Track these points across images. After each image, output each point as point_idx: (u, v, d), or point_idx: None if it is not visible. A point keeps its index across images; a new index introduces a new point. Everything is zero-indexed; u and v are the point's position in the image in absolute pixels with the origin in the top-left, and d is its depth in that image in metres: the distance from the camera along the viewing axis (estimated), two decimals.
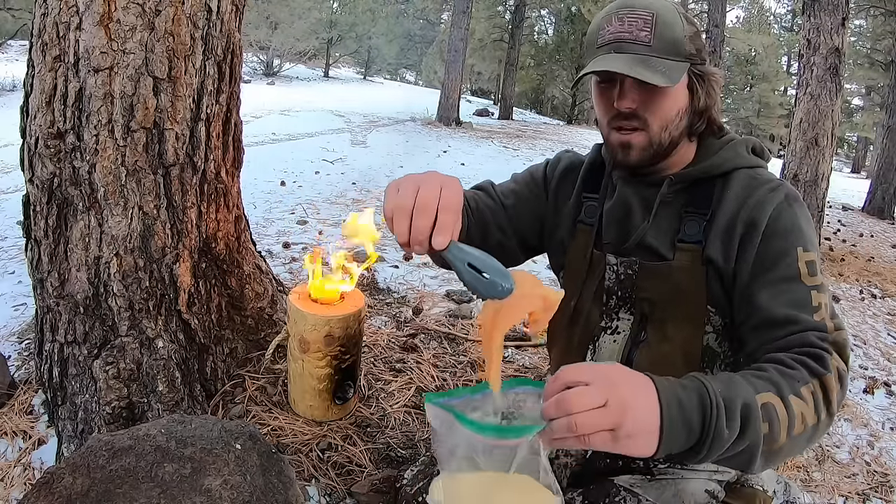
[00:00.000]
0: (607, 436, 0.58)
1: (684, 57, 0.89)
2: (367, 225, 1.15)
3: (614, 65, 0.85)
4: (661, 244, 0.94)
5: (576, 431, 0.58)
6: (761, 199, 0.87)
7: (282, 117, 9.30)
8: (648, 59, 0.86)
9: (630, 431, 0.59)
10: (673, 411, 0.62)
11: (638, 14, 0.87)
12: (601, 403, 0.58)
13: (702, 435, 0.63)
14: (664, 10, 0.88)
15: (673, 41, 0.87)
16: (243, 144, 1.70)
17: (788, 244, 0.84)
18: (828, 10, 4.52)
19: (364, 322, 1.50)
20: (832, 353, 0.75)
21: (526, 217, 1.11)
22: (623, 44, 0.87)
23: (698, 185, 0.94)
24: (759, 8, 26.89)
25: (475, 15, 14.52)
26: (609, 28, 0.89)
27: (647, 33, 0.86)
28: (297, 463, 1.37)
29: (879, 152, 8.51)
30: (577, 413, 0.58)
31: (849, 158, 23.31)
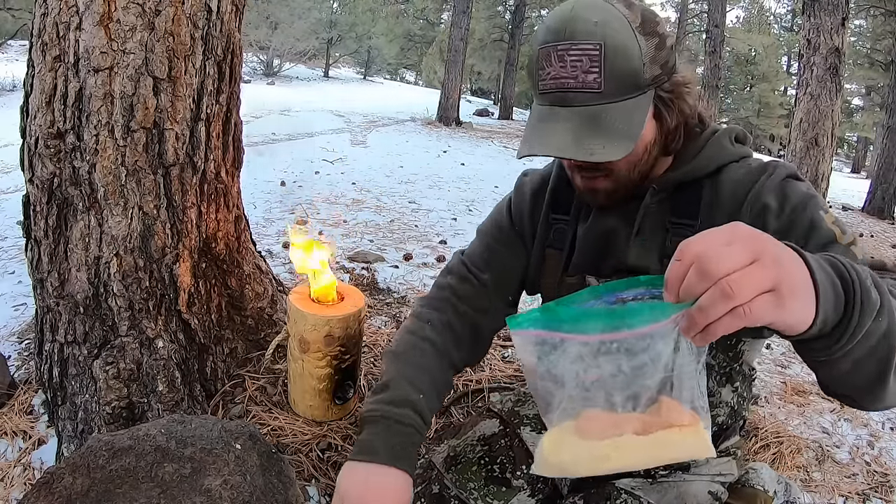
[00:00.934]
0: (770, 299, 0.46)
1: (645, 86, 0.75)
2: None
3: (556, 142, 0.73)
4: (648, 262, 0.86)
5: (734, 298, 0.44)
6: (761, 186, 0.79)
7: (282, 117, 9.30)
8: (600, 113, 0.73)
9: (792, 286, 0.47)
10: (817, 267, 0.50)
11: (581, 49, 0.71)
12: (752, 259, 0.46)
13: (847, 296, 0.51)
14: (613, 32, 0.72)
15: (629, 74, 0.73)
16: (243, 144, 1.70)
17: (811, 212, 0.75)
18: (828, 10, 4.53)
19: (364, 322, 1.50)
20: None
21: (507, 279, 1.03)
22: (567, 93, 0.74)
23: (682, 190, 0.85)
24: (759, 8, 26.90)
25: (475, 15, 14.53)
26: (549, 70, 0.74)
27: (595, 76, 0.72)
28: (297, 463, 1.37)
29: (879, 152, 8.52)
30: (728, 275, 0.45)
31: (849, 158, 23.32)
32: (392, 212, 4.41)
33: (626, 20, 0.73)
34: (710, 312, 0.46)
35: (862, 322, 0.51)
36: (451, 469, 1.03)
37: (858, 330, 0.51)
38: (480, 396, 1.76)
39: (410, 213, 4.47)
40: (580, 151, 0.72)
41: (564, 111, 0.75)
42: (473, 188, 5.86)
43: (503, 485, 1.02)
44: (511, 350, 2.14)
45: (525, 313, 0.52)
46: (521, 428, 1.10)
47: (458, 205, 4.98)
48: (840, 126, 4.93)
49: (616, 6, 0.74)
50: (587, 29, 0.72)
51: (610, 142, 0.73)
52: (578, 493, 0.95)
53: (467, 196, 5.42)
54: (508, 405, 1.17)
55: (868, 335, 0.52)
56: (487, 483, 1.01)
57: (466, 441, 1.10)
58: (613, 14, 0.73)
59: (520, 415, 1.13)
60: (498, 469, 1.04)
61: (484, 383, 1.80)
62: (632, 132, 0.74)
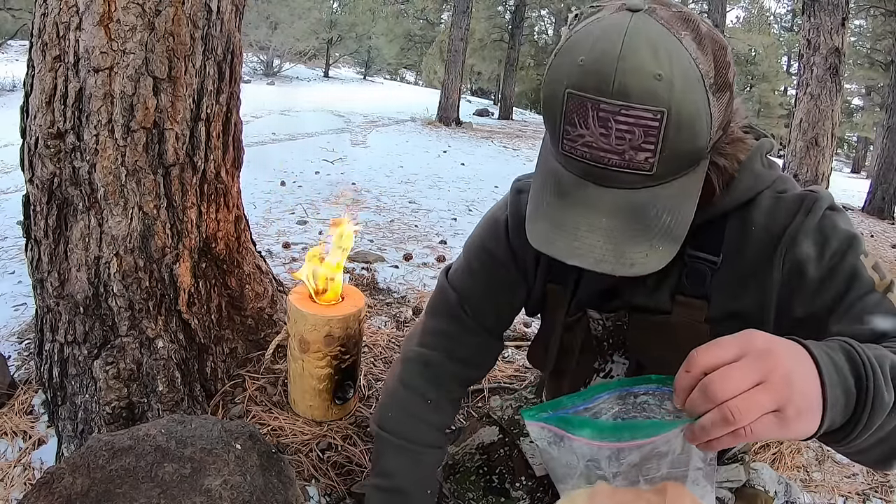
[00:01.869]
0: (773, 419, 0.45)
1: (705, 155, 0.60)
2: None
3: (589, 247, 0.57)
4: (658, 301, 0.76)
5: (735, 423, 0.45)
6: (797, 228, 0.68)
7: (282, 117, 9.30)
8: (649, 200, 0.57)
9: (799, 408, 0.46)
10: (831, 372, 0.48)
11: (635, 117, 0.52)
12: (759, 381, 0.45)
13: (859, 398, 0.49)
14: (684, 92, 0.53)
15: (692, 152, 0.57)
16: (243, 144, 1.70)
17: (851, 260, 0.67)
18: (828, 10, 4.52)
19: (364, 322, 1.50)
20: None
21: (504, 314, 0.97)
22: (607, 172, 0.56)
23: (706, 224, 0.72)
24: (759, 8, 26.89)
25: (475, 15, 14.52)
26: (583, 131, 0.55)
27: (648, 154, 0.54)
28: (297, 463, 1.37)
29: (879, 152, 8.52)
30: (731, 399, 0.45)
31: (849, 158, 23.31)
32: (392, 212, 4.41)
33: (698, 72, 0.54)
34: (710, 432, 0.46)
35: (871, 422, 0.50)
36: (450, 478, 1.03)
37: (866, 430, 0.50)
38: (480, 397, 1.76)
39: (410, 213, 4.47)
40: (620, 265, 0.57)
41: (600, 194, 0.58)
42: (473, 188, 5.86)
43: (502, 495, 1.01)
44: (511, 350, 2.14)
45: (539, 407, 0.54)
46: (521, 439, 1.09)
47: (458, 205, 4.98)
48: (840, 126, 4.93)
49: (683, 42, 0.54)
50: (646, 87, 0.52)
51: (653, 248, 0.58)
52: None
53: (467, 196, 5.42)
54: (509, 412, 1.16)
55: (878, 430, 0.51)
56: (486, 493, 1.00)
57: (465, 449, 1.09)
58: (683, 61, 0.53)
59: (519, 424, 1.11)
60: (497, 479, 1.02)
61: (484, 384, 1.80)
62: (678, 230, 0.59)
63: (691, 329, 0.73)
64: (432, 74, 20.43)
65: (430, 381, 0.96)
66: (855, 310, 0.65)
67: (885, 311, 0.64)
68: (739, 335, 0.49)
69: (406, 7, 22.13)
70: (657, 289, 0.76)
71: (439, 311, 0.98)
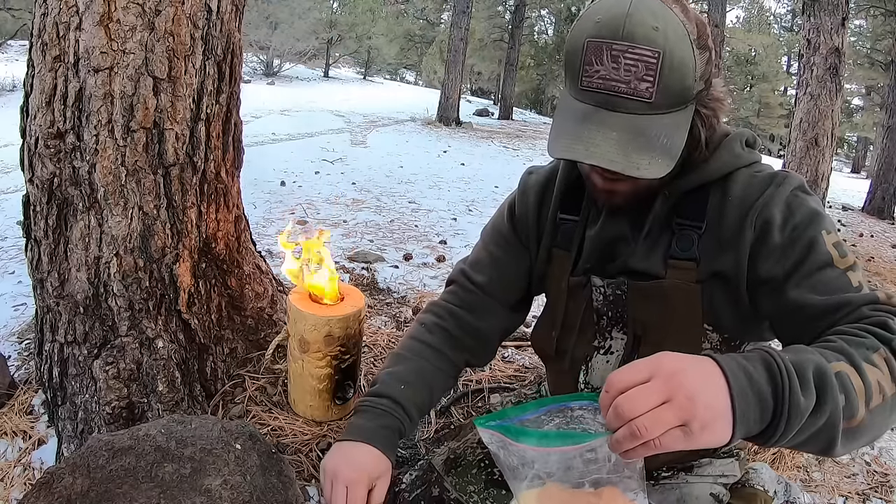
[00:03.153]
0: (679, 434, 0.52)
1: (690, 99, 0.74)
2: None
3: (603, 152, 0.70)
4: (652, 264, 0.86)
5: (642, 437, 0.52)
6: (769, 197, 0.79)
7: (282, 117, 9.30)
8: (647, 126, 0.70)
9: (703, 422, 0.52)
10: (742, 385, 0.54)
11: (640, 54, 0.68)
12: (664, 400, 0.52)
13: (776, 407, 0.55)
14: (674, 43, 0.69)
15: (681, 91, 0.71)
16: (243, 144, 1.70)
17: (812, 232, 0.75)
18: (828, 10, 4.53)
19: (364, 322, 1.50)
20: (894, 318, 0.66)
21: (508, 284, 1.04)
22: (616, 98, 0.70)
23: (691, 193, 0.84)
24: (759, 8, 26.92)
25: (475, 15, 14.52)
26: (599, 68, 0.70)
27: (648, 85, 0.68)
28: (297, 463, 1.37)
29: (879, 152, 8.52)
30: (638, 417, 0.52)
31: (849, 158, 23.31)
32: (392, 212, 4.41)
33: (685, 30, 0.70)
34: (623, 445, 0.53)
35: (790, 426, 0.55)
36: (451, 472, 1.03)
37: (786, 433, 0.56)
38: (480, 396, 1.76)
39: (410, 213, 4.47)
40: (629, 166, 0.69)
41: (611, 116, 0.71)
42: (473, 188, 5.86)
43: (503, 488, 1.01)
44: (511, 350, 2.14)
45: (488, 416, 0.64)
46: None
47: (458, 205, 4.98)
48: (840, 126, 4.93)
49: (674, 11, 0.71)
50: (647, 34, 0.68)
51: (654, 158, 0.70)
52: None
53: (467, 196, 5.42)
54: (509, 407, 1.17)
55: (801, 432, 0.57)
56: (487, 486, 1.01)
57: (466, 443, 1.10)
58: (674, 22, 0.70)
59: None
60: (498, 472, 1.03)
61: (484, 383, 1.80)
62: (673, 150, 0.72)
63: (684, 291, 0.82)
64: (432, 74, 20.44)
65: (431, 334, 1.04)
66: (811, 279, 0.73)
67: (839, 287, 0.71)
68: (652, 358, 0.56)
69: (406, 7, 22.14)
70: (651, 253, 0.86)
71: (448, 282, 1.10)
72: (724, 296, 0.82)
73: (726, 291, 0.82)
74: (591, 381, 0.97)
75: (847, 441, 0.59)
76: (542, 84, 21.37)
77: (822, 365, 0.58)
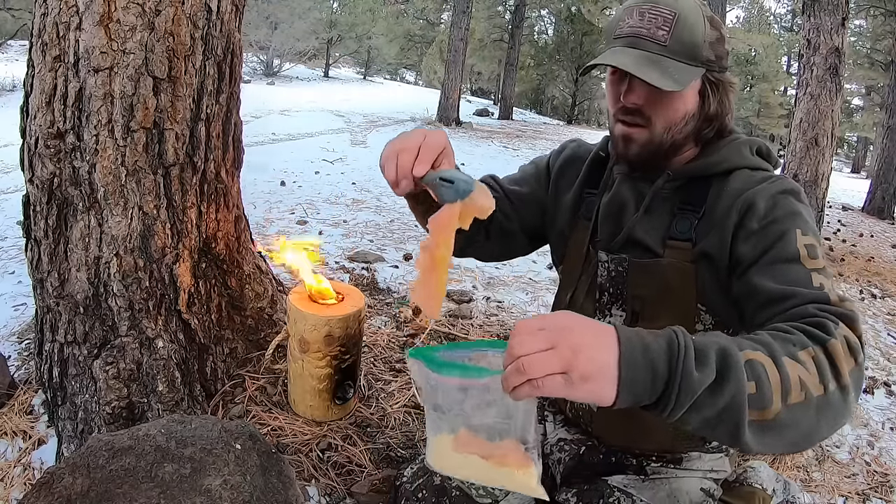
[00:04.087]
0: (559, 379, 0.57)
1: (700, 62, 0.87)
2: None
3: (623, 60, 0.85)
4: (652, 240, 0.94)
5: (525, 374, 0.57)
6: (758, 189, 0.86)
7: (282, 117, 9.30)
8: (660, 59, 0.85)
9: (584, 373, 0.57)
10: (634, 353, 0.58)
11: (660, 11, 0.86)
12: (547, 347, 0.57)
13: (669, 378, 0.58)
14: (688, 10, 0.86)
15: (691, 44, 0.86)
16: (243, 144, 1.70)
17: (787, 226, 0.81)
18: (828, 10, 4.52)
19: (364, 322, 1.50)
20: (838, 323, 0.67)
21: (529, 205, 1.12)
22: (639, 39, 0.86)
23: (695, 182, 0.93)
24: (759, 8, 26.90)
25: (475, 15, 14.52)
26: (629, 21, 0.87)
27: (664, 32, 0.85)
28: (297, 463, 1.37)
29: (879, 152, 8.51)
30: (524, 356, 0.57)
31: (849, 158, 23.31)
32: (392, 212, 4.41)
33: (699, 8, 0.88)
34: (510, 381, 0.59)
35: (681, 398, 0.59)
36: None
37: (678, 405, 0.59)
38: None
39: (410, 213, 4.47)
40: (640, 71, 0.83)
41: (632, 50, 0.86)
42: None
43: None
44: None
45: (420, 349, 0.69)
46: None
47: None
48: (840, 126, 4.93)
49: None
50: (668, 1, 0.86)
51: (663, 78, 0.83)
52: (571, 488, 0.95)
53: None
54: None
55: (699, 408, 0.59)
56: None
57: None
58: (691, 1, 0.88)
59: None
60: None
61: None
62: (681, 81, 0.85)
63: (680, 270, 0.90)
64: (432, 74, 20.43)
65: None
66: (773, 268, 0.78)
67: (797, 280, 0.75)
68: (557, 313, 0.62)
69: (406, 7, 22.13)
70: (652, 229, 0.94)
71: None
72: (712, 277, 0.88)
73: (713, 272, 0.88)
74: None
75: (759, 434, 0.61)
76: (542, 84, 21.35)
77: (728, 348, 0.60)
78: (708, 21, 0.88)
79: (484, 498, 1.00)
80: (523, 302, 2.83)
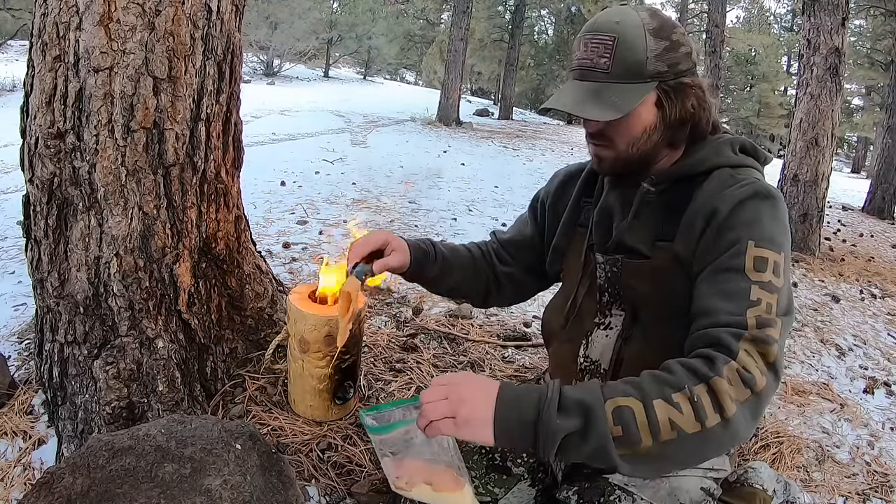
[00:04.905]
0: (449, 422, 0.74)
1: (648, 77, 0.89)
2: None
3: (564, 101, 0.93)
4: (642, 244, 0.96)
5: (426, 417, 0.74)
6: (725, 195, 0.87)
7: (282, 117, 9.30)
8: (604, 88, 0.89)
9: (466, 418, 0.73)
10: (506, 405, 0.74)
11: (600, 39, 0.90)
12: (443, 397, 0.75)
13: (535, 426, 0.72)
14: (628, 31, 0.89)
15: (634, 63, 0.88)
16: (243, 144, 1.70)
17: (740, 235, 0.83)
18: (828, 10, 4.52)
19: (364, 322, 1.50)
20: (736, 354, 0.73)
21: (524, 250, 1.22)
22: (585, 71, 0.91)
23: (680, 184, 0.95)
24: (759, 8, 26.90)
25: (475, 15, 14.50)
26: (577, 53, 0.93)
27: (606, 59, 0.89)
28: (297, 463, 1.37)
29: (879, 152, 8.50)
30: (426, 405, 0.75)
31: (849, 158, 23.30)
32: (392, 212, 4.41)
33: (641, 24, 0.90)
34: (419, 422, 0.76)
35: (548, 445, 0.72)
36: None
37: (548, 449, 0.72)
38: None
39: (410, 213, 4.47)
40: (575, 108, 0.90)
41: (578, 83, 0.92)
42: (473, 188, 5.86)
43: (504, 473, 1.04)
44: (511, 350, 2.15)
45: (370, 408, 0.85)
46: None
47: (458, 205, 4.98)
48: (840, 126, 4.92)
49: (640, 14, 0.91)
50: (608, 26, 0.90)
51: (602, 109, 0.88)
52: (573, 486, 0.95)
53: (467, 196, 5.41)
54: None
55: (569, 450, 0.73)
56: (488, 471, 1.03)
57: None
58: (633, 18, 0.90)
59: None
60: (499, 457, 1.06)
61: None
62: (622, 107, 0.88)
63: (667, 271, 0.92)
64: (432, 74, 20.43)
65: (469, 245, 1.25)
66: (715, 278, 0.82)
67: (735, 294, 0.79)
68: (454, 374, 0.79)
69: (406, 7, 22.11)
70: (640, 233, 0.97)
71: None
72: (684, 278, 0.91)
73: (683, 274, 0.91)
74: (591, 354, 1.03)
75: (633, 464, 0.72)
76: (542, 84, 21.34)
77: (591, 400, 0.72)
78: (651, 35, 0.89)
79: (484, 496, 1.00)
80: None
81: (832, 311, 3.43)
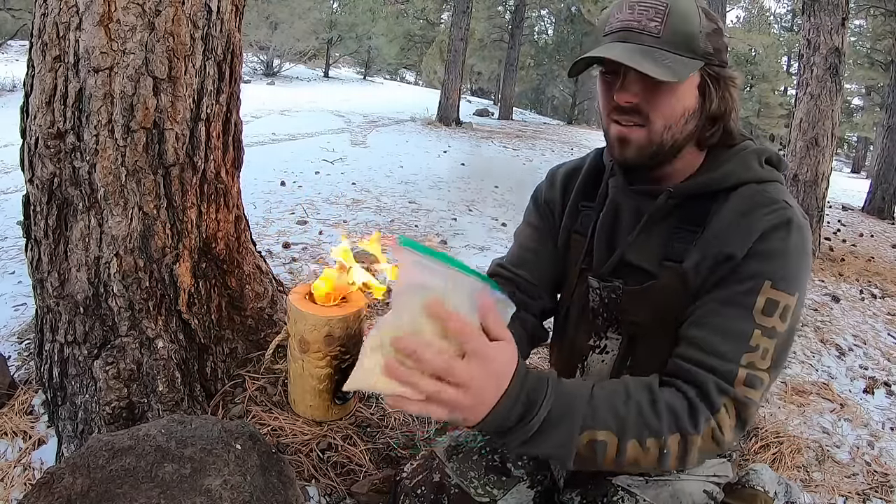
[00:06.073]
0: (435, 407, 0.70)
1: (698, 55, 0.81)
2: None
3: (614, 53, 0.79)
4: (647, 263, 0.89)
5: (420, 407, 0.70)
6: (757, 218, 0.80)
7: (282, 117, 9.30)
8: (654, 51, 0.79)
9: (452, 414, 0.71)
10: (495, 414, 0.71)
11: (650, 3, 0.80)
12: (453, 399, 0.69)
13: (506, 435, 0.74)
14: (681, 1, 0.81)
15: (687, 35, 0.80)
16: (243, 144, 1.70)
17: (760, 270, 0.78)
18: (828, 10, 4.52)
19: (364, 322, 1.50)
20: (717, 410, 0.74)
21: (544, 271, 1.07)
22: (630, 33, 0.81)
23: (697, 199, 0.87)
24: (759, 8, 26.91)
25: (475, 15, 14.51)
26: (618, 16, 0.82)
27: (657, 24, 0.79)
28: (297, 463, 1.37)
29: (879, 152, 8.51)
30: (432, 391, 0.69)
31: (849, 158, 23.32)
32: (392, 212, 4.41)
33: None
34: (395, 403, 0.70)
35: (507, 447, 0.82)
36: (453, 458, 1.04)
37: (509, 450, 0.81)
38: None
39: (410, 213, 4.47)
40: (633, 61, 0.77)
41: (625, 44, 0.81)
42: (473, 188, 5.86)
43: (503, 474, 1.03)
44: None
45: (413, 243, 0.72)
46: None
47: (458, 205, 4.98)
48: (840, 126, 4.92)
49: None
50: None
51: (659, 68, 0.77)
52: (575, 488, 0.95)
53: (467, 196, 5.41)
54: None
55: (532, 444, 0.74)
56: (488, 472, 1.03)
57: (468, 431, 1.10)
58: None
59: None
60: (498, 459, 1.05)
61: None
62: (679, 72, 0.78)
63: (675, 293, 0.85)
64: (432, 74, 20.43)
65: None
66: (721, 308, 0.78)
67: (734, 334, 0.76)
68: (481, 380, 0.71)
69: (406, 7, 22.11)
70: (646, 250, 0.89)
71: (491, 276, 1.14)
72: (688, 302, 0.85)
73: (687, 290, 0.85)
74: (588, 379, 0.97)
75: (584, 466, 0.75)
76: (542, 84, 21.37)
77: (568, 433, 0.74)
78: (703, 12, 0.82)
79: (482, 497, 1.00)
80: None
81: (832, 311, 3.43)
